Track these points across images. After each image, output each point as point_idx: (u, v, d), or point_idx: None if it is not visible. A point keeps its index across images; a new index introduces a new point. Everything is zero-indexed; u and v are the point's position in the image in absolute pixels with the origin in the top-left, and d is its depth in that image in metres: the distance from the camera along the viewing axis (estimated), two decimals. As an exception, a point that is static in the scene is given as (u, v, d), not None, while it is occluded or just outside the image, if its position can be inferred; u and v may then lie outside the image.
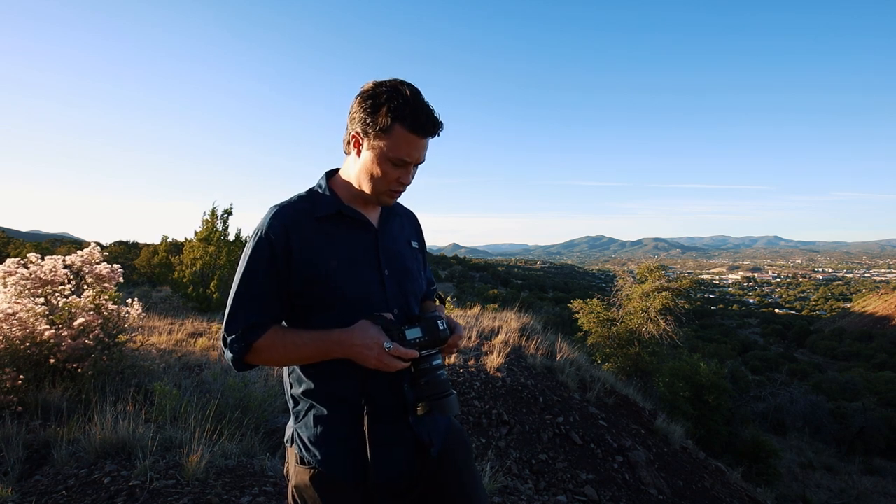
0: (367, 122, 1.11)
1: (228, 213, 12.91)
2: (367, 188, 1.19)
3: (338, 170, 1.29)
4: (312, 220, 1.17)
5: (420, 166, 1.21)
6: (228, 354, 1.14)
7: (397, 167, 1.15)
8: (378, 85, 1.12)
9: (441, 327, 1.18)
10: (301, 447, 1.20)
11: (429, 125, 1.12)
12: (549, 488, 3.43)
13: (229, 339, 1.13)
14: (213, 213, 12.66)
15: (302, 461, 1.19)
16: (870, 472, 12.38)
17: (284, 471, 1.30)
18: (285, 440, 1.28)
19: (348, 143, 1.20)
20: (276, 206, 1.18)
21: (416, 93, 1.11)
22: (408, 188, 1.22)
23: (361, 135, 1.14)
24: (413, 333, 1.14)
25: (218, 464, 2.68)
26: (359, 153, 1.18)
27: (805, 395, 15.29)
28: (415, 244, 1.38)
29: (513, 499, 3.05)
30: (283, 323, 1.21)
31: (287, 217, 1.15)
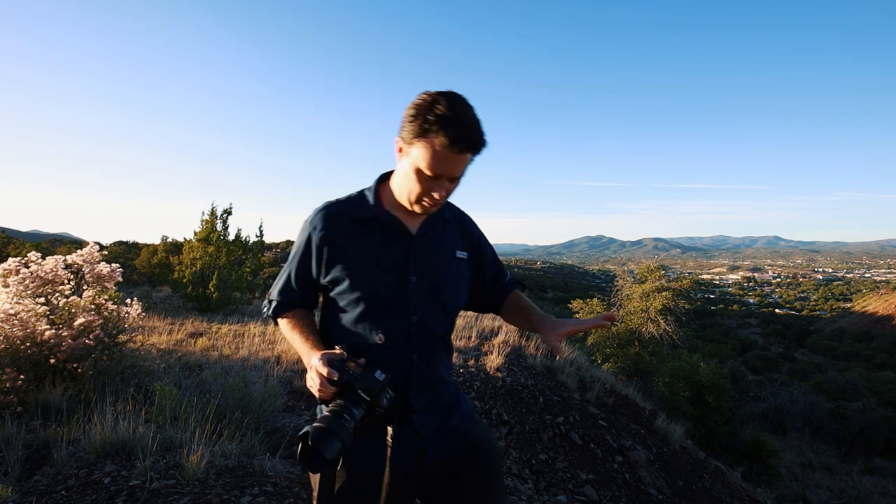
0: (408, 129, 1.11)
1: (228, 212, 12.89)
2: (403, 197, 1.22)
3: (391, 172, 1.30)
4: (348, 220, 1.24)
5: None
6: (264, 311, 1.37)
7: (429, 179, 1.13)
8: (426, 95, 1.10)
9: (378, 378, 1.06)
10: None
11: (464, 140, 1.07)
12: (549, 488, 3.43)
13: (266, 300, 1.37)
14: (213, 213, 12.64)
15: None
16: (870, 472, 12.38)
17: None
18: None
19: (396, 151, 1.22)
20: (325, 202, 1.29)
21: (459, 106, 1.07)
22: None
23: (402, 142, 1.15)
24: (355, 370, 1.07)
25: (218, 464, 2.68)
26: (400, 160, 1.20)
27: (805, 395, 15.29)
28: (461, 254, 1.34)
29: (513, 499, 3.05)
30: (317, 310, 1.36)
31: (328, 215, 1.25)
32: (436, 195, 1.15)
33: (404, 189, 1.20)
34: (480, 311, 1.50)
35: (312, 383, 1.11)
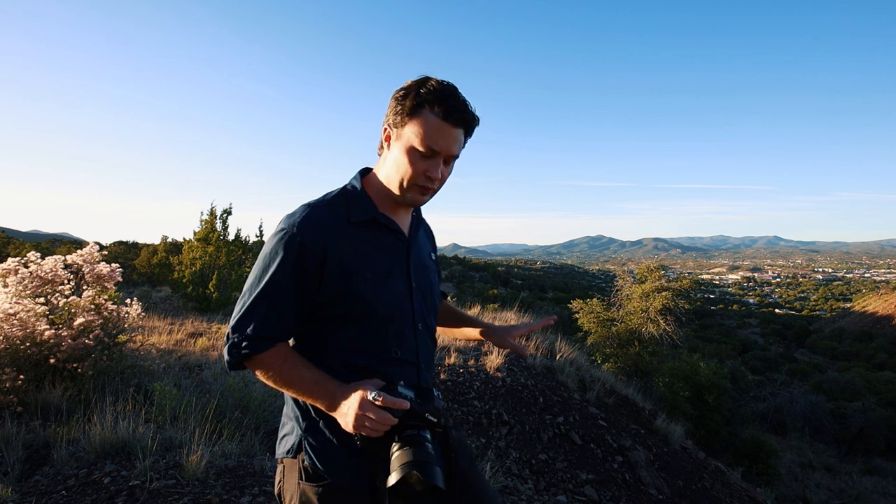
0: (397, 110, 1.07)
1: (228, 213, 12.89)
2: (395, 184, 1.11)
3: (371, 168, 1.22)
4: (348, 225, 1.09)
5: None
6: (226, 356, 1.07)
7: (424, 158, 1.06)
8: (412, 80, 1.09)
9: (439, 397, 1.06)
10: (311, 456, 1.09)
11: (457, 112, 1.04)
12: (549, 488, 3.42)
13: (231, 340, 1.05)
14: (213, 213, 12.65)
15: (308, 475, 1.08)
16: (870, 472, 12.38)
17: (277, 490, 1.15)
18: (285, 451, 1.14)
19: (381, 142, 1.15)
20: (308, 205, 1.09)
21: (447, 84, 1.06)
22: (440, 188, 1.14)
23: (391, 127, 1.09)
24: (406, 392, 1.03)
25: (218, 464, 2.68)
26: (388, 147, 1.12)
27: (805, 395, 15.30)
28: (433, 255, 1.35)
29: (513, 499, 3.05)
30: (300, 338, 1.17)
31: (323, 221, 1.07)
32: (432, 175, 1.08)
33: (395, 177, 1.09)
34: None
35: (366, 422, 0.96)
